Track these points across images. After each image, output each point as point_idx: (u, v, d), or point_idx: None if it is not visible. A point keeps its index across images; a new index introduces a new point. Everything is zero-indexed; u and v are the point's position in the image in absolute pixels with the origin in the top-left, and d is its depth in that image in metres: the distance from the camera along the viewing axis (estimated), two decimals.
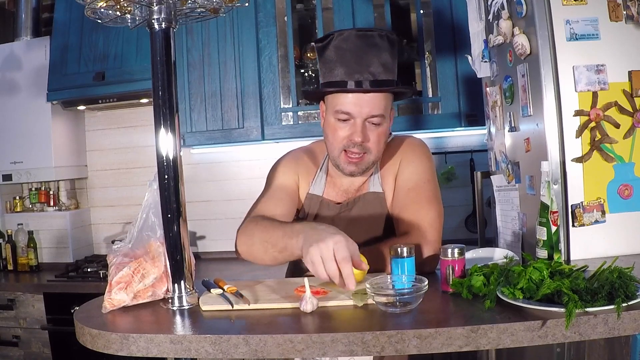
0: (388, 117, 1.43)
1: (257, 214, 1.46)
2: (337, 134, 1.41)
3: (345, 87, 1.37)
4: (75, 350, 2.59)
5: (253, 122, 2.77)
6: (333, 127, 1.42)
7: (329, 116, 1.44)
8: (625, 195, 1.47)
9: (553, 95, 1.47)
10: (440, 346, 0.99)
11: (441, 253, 1.23)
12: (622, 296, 1.00)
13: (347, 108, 1.38)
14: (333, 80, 1.39)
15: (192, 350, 1.04)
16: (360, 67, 1.36)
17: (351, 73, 1.36)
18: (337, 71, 1.38)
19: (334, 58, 1.39)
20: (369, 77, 1.36)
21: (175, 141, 1.23)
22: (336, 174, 1.53)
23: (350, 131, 1.39)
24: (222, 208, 3.18)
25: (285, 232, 1.28)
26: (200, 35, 2.82)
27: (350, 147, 1.40)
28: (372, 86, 1.37)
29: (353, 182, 1.53)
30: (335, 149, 1.43)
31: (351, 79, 1.37)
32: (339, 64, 1.38)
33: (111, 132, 3.31)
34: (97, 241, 3.36)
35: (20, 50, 3.05)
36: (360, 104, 1.37)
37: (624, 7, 1.46)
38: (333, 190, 1.54)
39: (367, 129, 1.39)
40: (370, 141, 1.40)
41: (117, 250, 1.29)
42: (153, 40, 1.23)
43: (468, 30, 1.97)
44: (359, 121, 1.38)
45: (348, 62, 1.37)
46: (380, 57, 1.38)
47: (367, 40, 1.38)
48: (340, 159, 1.43)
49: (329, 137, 1.45)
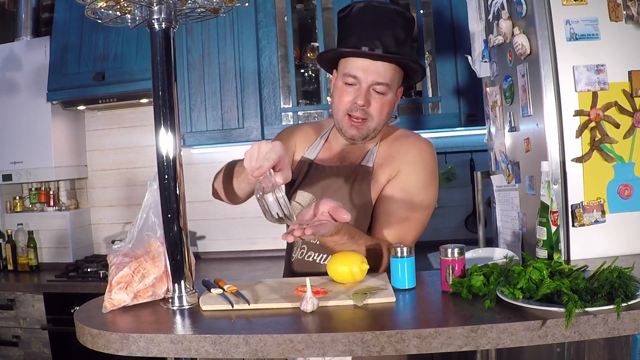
0: (394, 90, 1.48)
1: None
2: (343, 98, 1.47)
3: (349, 50, 1.43)
4: (75, 350, 2.59)
5: (253, 122, 2.77)
6: (340, 90, 1.48)
7: (338, 80, 1.50)
8: (625, 195, 1.47)
9: (553, 95, 1.47)
10: (440, 346, 0.99)
11: (441, 253, 1.23)
12: (622, 296, 1.00)
13: (354, 72, 1.43)
14: (346, 45, 1.45)
15: (192, 350, 1.04)
16: (372, 35, 1.42)
17: (363, 39, 1.42)
18: (352, 37, 1.44)
19: (350, 25, 1.46)
20: (380, 46, 1.42)
21: (175, 141, 1.23)
22: (335, 141, 1.58)
23: (355, 95, 1.44)
24: (222, 208, 3.15)
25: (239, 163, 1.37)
26: (200, 35, 2.82)
27: (353, 110, 1.45)
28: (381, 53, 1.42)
29: (349, 152, 1.55)
30: (339, 112, 1.48)
31: (363, 45, 1.42)
32: (353, 31, 1.44)
33: (111, 132, 3.31)
34: (97, 241, 3.36)
35: (20, 50, 3.04)
36: (367, 70, 1.42)
37: (624, 7, 1.46)
38: (327, 154, 1.58)
39: (370, 96, 1.44)
40: (372, 107, 1.45)
41: (117, 250, 1.29)
42: (153, 40, 1.23)
43: (468, 30, 1.98)
44: (364, 86, 1.43)
45: (362, 30, 1.43)
46: (394, 30, 1.43)
47: (383, 13, 1.44)
48: (343, 122, 1.48)
49: (334, 101, 1.51)
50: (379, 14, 1.44)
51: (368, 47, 1.41)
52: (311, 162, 1.58)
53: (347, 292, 1.22)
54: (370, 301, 1.17)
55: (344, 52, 1.45)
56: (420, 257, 1.64)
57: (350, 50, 1.43)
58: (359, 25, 1.44)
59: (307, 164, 1.58)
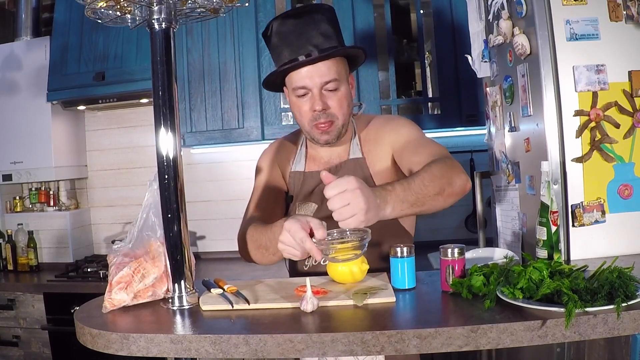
0: (345, 81, 1.49)
1: (249, 216, 1.54)
2: (302, 110, 1.48)
3: (289, 65, 1.43)
4: (75, 350, 2.59)
5: (253, 122, 2.77)
6: (296, 104, 1.49)
7: (290, 97, 1.51)
8: (625, 195, 1.47)
9: (553, 95, 1.47)
10: (440, 346, 0.99)
11: (441, 253, 1.23)
12: (622, 296, 1.00)
13: (301, 82, 1.44)
14: (282, 62, 1.46)
15: (192, 350, 1.04)
16: (301, 42, 1.43)
17: (296, 50, 1.43)
18: (284, 53, 1.45)
19: (278, 43, 1.46)
20: (313, 49, 1.42)
21: (175, 141, 1.23)
22: (315, 148, 1.59)
23: (310, 102, 1.45)
24: (222, 208, 3.18)
25: (269, 236, 1.34)
26: (200, 35, 2.82)
27: (316, 118, 1.46)
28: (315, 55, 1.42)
29: (332, 153, 1.57)
30: (305, 125, 1.49)
31: (296, 55, 1.43)
32: (284, 47, 1.45)
33: (111, 132, 3.31)
34: (97, 241, 3.36)
35: (20, 50, 3.04)
36: (311, 75, 1.43)
37: (624, 7, 1.46)
38: (315, 164, 1.59)
39: (325, 97, 1.45)
40: (332, 107, 1.46)
41: (117, 250, 1.29)
42: (153, 40, 1.23)
43: (468, 30, 1.97)
44: (316, 91, 1.44)
45: (290, 41, 1.44)
46: (319, 28, 1.44)
47: (302, 18, 1.45)
48: (312, 132, 1.49)
49: (296, 117, 1.52)
50: (298, 19, 1.44)
51: (302, 55, 1.42)
52: (302, 173, 1.59)
53: (347, 292, 1.22)
54: (370, 301, 1.17)
55: (284, 69, 1.45)
56: (420, 257, 1.64)
57: (289, 66, 1.43)
58: (285, 38, 1.44)
59: (299, 176, 1.59)
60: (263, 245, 1.38)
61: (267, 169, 1.64)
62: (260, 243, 1.39)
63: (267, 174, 1.63)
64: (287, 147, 1.67)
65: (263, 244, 1.38)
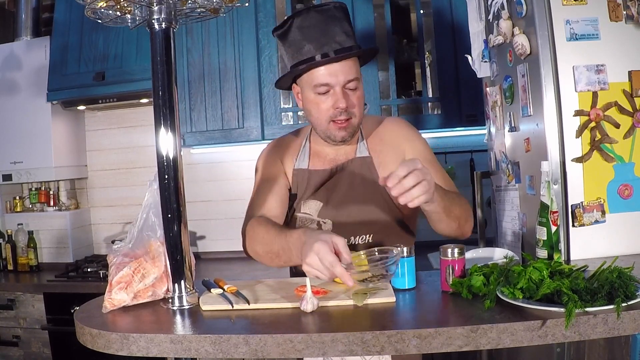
0: (361, 81, 1.50)
1: (254, 213, 1.51)
2: (321, 107, 1.46)
3: (316, 61, 1.42)
4: (75, 350, 2.59)
5: (253, 122, 2.77)
6: (315, 102, 1.46)
7: (307, 94, 1.48)
8: (625, 195, 1.47)
9: (553, 95, 1.47)
10: (440, 346, 0.99)
11: (441, 253, 1.23)
12: (622, 296, 1.00)
13: (324, 80, 1.43)
14: (303, 58, 1.44)
15: (192, 350, 1.04)
16: (326, 39, 1.42)
17: (320, 46, 1.42)
18: (306, 48, 1.43)
19: (299, 38, 1.45)
20: (337, 46, 1.42)
21: (175, 141, 1.23)
22: (321, 146, 1.57)
23: (333, 100, 1.44)
24: (222, 208, 3.18)
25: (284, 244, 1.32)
26: (200, 35, 2.82)
27: (337, 115, 1.45)
28: (341, 53, 1.42)
29: (339, 151, 1.56)
30: (322, 121, 1.47)
31: (320, 52, 1.42)
32: (306, 42, 1.43)
33: (111, 132, 3.31)
34: (97, 241, 3.36)
35: (20, 50, 3.04)
36: (336, 73, 1.42)
37: (624, 7, 1.46)
38: (320, 161, 1.57)
39: (348, 95, 1.44)
40: (352, 105, 1.45)
41: (118, 250, 1.29)
42: (153, 40, 1.23)
43: (468, 30, 1.97)
44: (338, 89, 1.43)
45: (315, 37, 1.43)
46: (342, 26, 1.45)
47: (326, 14, 1.45)
48: (329, 129, 1.47)
49: (313, 113, 1.49)
50: (322, 16, 1.44)
51: (325, 52, 1.41)
52: (306, 171, 1.57)
53: (347, 292, 1.22)
54: (370, 301, 1.17)
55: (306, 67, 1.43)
56: (420, 257, 1.64)
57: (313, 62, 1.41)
58: (308, 34, 1.43)
59: (303, 174, 1.57)
60: (274, 252, 1.36)
61: (269, 166, 1.61)
62: (272, 248, 1.36)
63: (270, 171, 1.60)
64: (289, 145, 1.64)
65: (275, 251, 1.36)
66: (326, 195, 1.52)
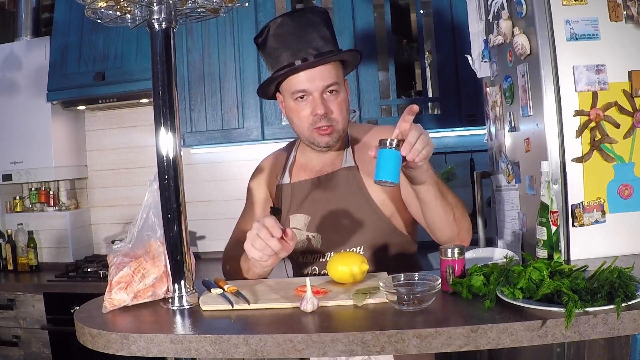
0: (343, 85, 1.48)
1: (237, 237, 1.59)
2: (301, 115, 1.44)
3: (291, 67, 1.41)
4: (75, 350, 2.59)
5: (253, 122, 2.78)
6: (295, 109, 1.45)
7: (288, 102, 1.47)
8: (625, 195, 1.47)
9: (553, 95, 1.47)
10: (440, 346, 0.99)
11: (441, 253, 1.23)
12: (622, 296, 1.00)
13: (301, 86, 1.41)
14: (280, 66, 1.43)
15: (192, 350, 1.04)
16: (302, 45, 1.41)
17: (296, 53, 1.41)
18: (283, 56, 1.42)
19: (275, 45, 1.43)
20: (313, 52, 1.40)
21: (175, 141, 1.23)
22: (308, 157, 1.56)
23: (312, 107, 1.42)
24: (222, 208, 3.18)
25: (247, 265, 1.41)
26: (200, 35, 2.82)
27: (317, 122, 1.43)
28: (317, 58, 1.41)
29: (325, 161, 1.54)
30: (304, 129, 1.46)
31: (297, 58, 1.41)
32: (282, 49, 1.42)
33: (111, 132, 3.31)
34: (97, 241, 3.36)
35: (20, 50, 3.05)
36: (313, 79, 1.41)
37: (624, 7, 1.46)
38: (305, 173, 1.56)
39: (326, 101, 1.42)
40: (334, 112, 1.44)
41: (118, 250, 1.29)
42: (153, 40, 1.23)
43: (468, 30, 1.97)
44: (317, 95, 1.42)
45: (290, 44, 1.41)
46: (319, 31, 1.43)
47: (301, 20, 1.43)
48: (312, 136, 1.46)
49: (294, 121, 1.48)
50: (297, 22, 1.42)
51: (302, 58, 1.40)
52: (289, 185, 1.56)
53: (347, 292, 1.22)
54: (370, 301, 1.17)
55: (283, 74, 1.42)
56: (420, 257, 1.64)
57: (289, 69, 1.40)
58: (284, 41, 1.42)
59: (286, 188, 1.56)
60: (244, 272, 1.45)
61: (256, 191, 1.63)
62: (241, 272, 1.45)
63: (257, 196, 1.62)
64: (274, 165, 1.64)
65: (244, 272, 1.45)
66: (313, 208, 1.50)
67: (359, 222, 1.47)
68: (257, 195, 1.62)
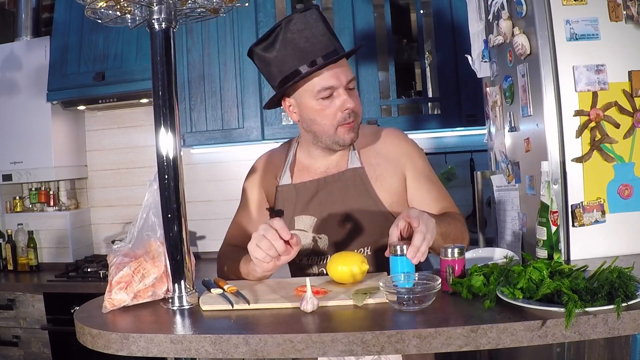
0: None
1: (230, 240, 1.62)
2: (327, 113, 1.41)
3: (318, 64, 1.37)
4: (75, 350, 2.59)
5: (253, 122, 2.77)
6: (318, 109, 1.41)
7: (309, 103, 1.42)
8: (625, 195, 1.47)
9: (553, 95, 1.47)
10: (440, 346, 0.99)
11: (441, 253, 1.23)
12: (622, 296, 1.00)
13: (329, 83, 1.39)
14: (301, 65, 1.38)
15: (192, 350, 1.04)
16: (317, 42, 1.38)
17: (317, 50, 1.38)
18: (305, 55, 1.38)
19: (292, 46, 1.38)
20: (331, 47, 1.40)
21: (175, 141, 1.23)
22: (312, 159, 1.54)
23: (339, 102, 1.40)
24: (222, 208, 3.18)
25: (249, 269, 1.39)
26: (200, 35, 2.82)
27: (346, 118, 1.41)
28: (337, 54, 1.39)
29: (330, 163, 1.52)
30: (330, 128, 1.42)
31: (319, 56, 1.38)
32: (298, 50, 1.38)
33: (111, 132, 3.31)
34: (97, 241, 3.36)
35: (20, 50, 3.05)
36: (337, 75, 1.39)
37: (624, 7, 1.46)
38: (309, 175, 1.53)
39: (350, 95, 1.42)
40: (356, 104, 1.43)
41: (117, 250, 1.29)
42: (153, 40, 1.23)
43: (468, 30, 1.97)
44: (342, 90, 1.40)
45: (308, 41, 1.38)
46: (326, 27, 1.42)
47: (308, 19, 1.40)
48: (337, 134, 1.43)
49: (318, 121, 1.43)
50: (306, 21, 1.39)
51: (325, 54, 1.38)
52: (292, 186, 1.53)
53: (347, 292, 1.22)
54: (370, 301, 1.17)
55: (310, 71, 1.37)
56: None
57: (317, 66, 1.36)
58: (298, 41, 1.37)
59: (289, 189, 1.53)
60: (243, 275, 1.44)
61: (251, 192, 1.61)
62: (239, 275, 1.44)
63: (251, 197, 1.60)
64: (272, 162, 1.61)
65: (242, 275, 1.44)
66: (319, 209, 1.49)
67: (366, 223, 1.46)
68: (252, 196, 1.60)
